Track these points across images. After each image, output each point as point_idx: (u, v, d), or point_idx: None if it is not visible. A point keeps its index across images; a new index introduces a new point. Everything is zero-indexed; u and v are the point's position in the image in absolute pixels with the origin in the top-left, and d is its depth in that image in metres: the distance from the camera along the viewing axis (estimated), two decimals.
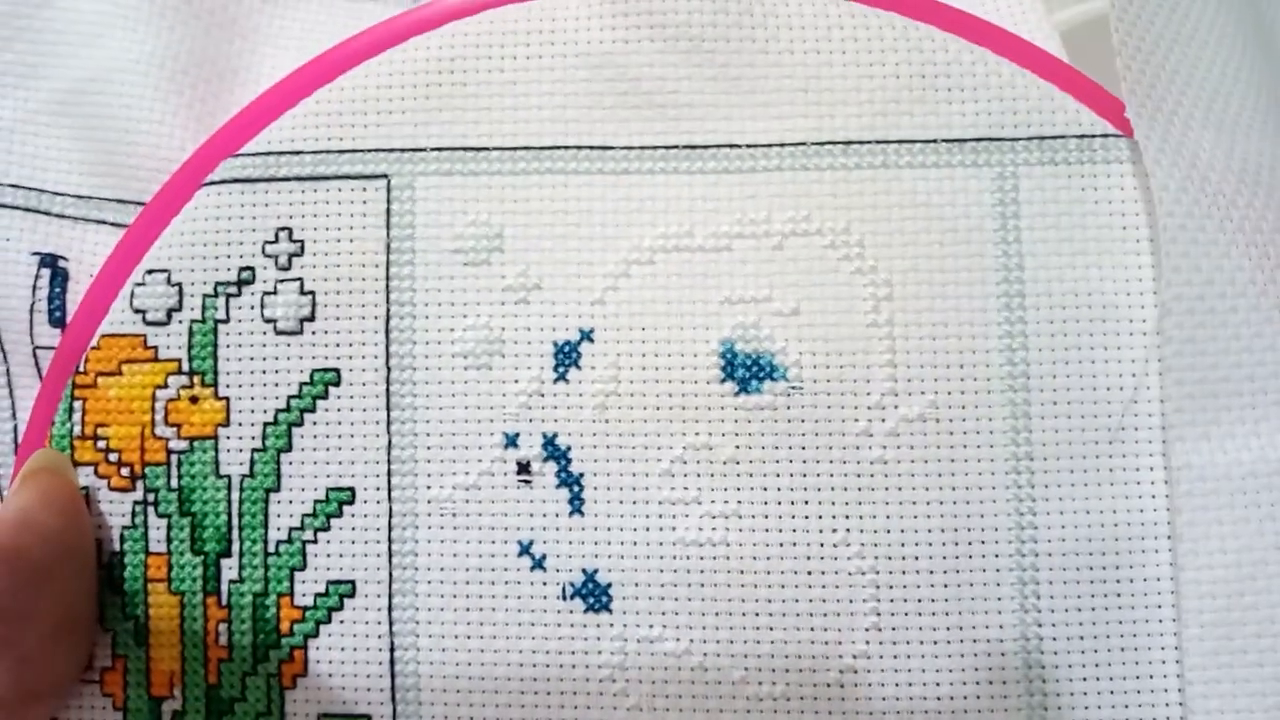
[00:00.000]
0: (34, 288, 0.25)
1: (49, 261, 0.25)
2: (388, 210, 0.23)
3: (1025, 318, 0.22)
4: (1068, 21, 0.24)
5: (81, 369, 0.23)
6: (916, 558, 0.22)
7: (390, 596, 0.22)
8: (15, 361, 0.25)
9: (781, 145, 0.23)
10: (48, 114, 0.26)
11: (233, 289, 0.23)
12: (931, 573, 0.22)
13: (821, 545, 0.22)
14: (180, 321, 0.23)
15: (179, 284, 0.23)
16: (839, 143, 0.23)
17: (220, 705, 0.23)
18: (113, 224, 0.25)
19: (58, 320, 0.25)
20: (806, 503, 0.22)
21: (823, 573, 0.22)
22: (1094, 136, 0.22)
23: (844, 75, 0.23)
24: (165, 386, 0.23)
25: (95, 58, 0.26)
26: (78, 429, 0.23)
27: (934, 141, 0.23)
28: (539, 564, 0.22)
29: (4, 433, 0.25)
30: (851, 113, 0.23)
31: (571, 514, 0.22)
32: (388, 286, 0.23)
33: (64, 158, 0.26)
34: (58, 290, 0.25)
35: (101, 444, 0.23)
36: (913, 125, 0.22)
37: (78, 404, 0.23)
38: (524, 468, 0.22)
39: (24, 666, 0.21)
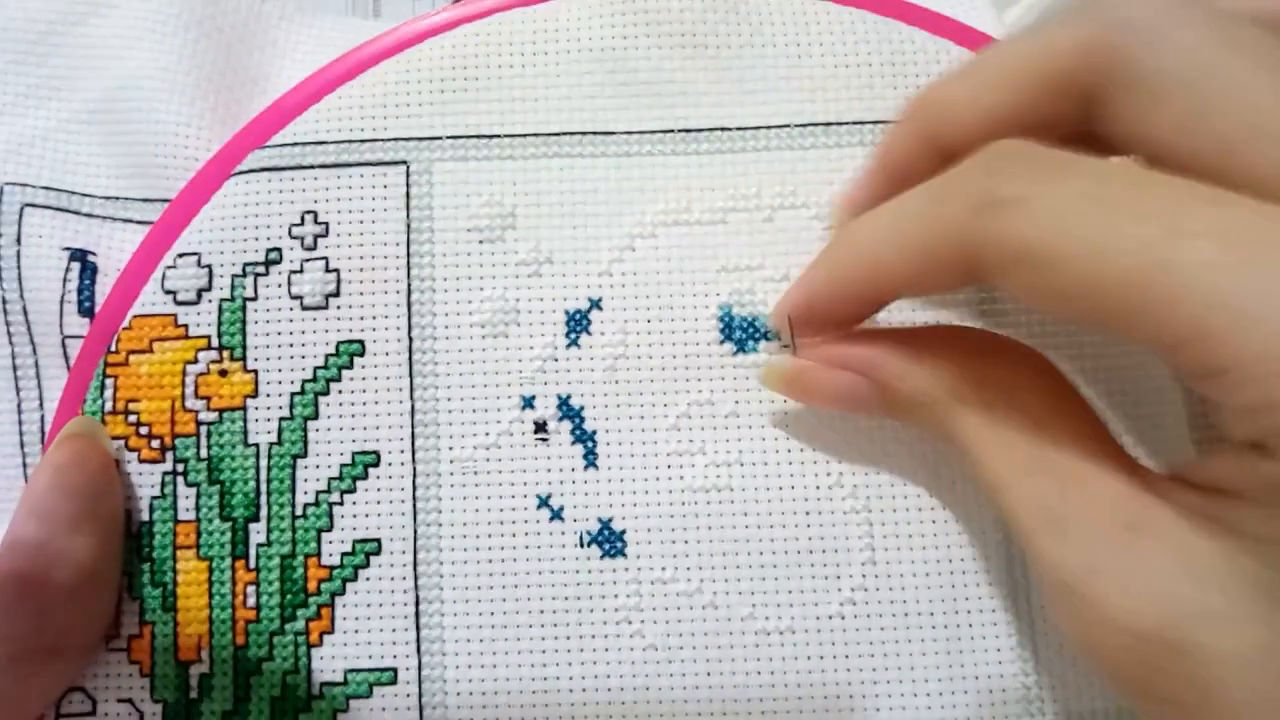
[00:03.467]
0: (64, 280, 0.26)
1: (79, 255, 0.26)
2: (407, 194, 0.25)
3: None
4: (1016, 21, 0.27)
5: (113, 349, 0.25)
6: (905, 495, 0.23)
7: (415, 553, 0.24)
8: (44, 352, 0.26)
9: (769, 128, 0.25)
10: (79, 122, 0.27)
11: (260, 269, 0.25)
12: (920, 509, 0.23)
13: (817, 488, 0.24)
14: (210, 300, 0.25)
15: (209, 266, 0.25)
16: (820, 124, 0.25)
17: (248, 666, 0.23)
18: (139, 222, 0.27)
19: (86, 310, 0.26)
20: (801, 449, 0.24)
21: (819, 513, 0.23)
22: None
23: (822, 64, 0.25)
24: (195, 362, 0.24)
25: (125, 68, 0.27)
26: (109, 405, 0.24)
27: None
28: (557, 515, 0.24)
29: (31, 421, 0.26)
30: (830, 97, 0.25)
31: (586, 468, 0.24)
32: (409, 263, 0.25)
33: (94, 162, 0.27)
34: (87, 282, 0.26)
35: (132, 418, 0.24)
36: (886, 108, 0.25)
37: (109, 381, 0.24)
38: (540, 427, 0.24)
39: (44, 620, 0.22)
